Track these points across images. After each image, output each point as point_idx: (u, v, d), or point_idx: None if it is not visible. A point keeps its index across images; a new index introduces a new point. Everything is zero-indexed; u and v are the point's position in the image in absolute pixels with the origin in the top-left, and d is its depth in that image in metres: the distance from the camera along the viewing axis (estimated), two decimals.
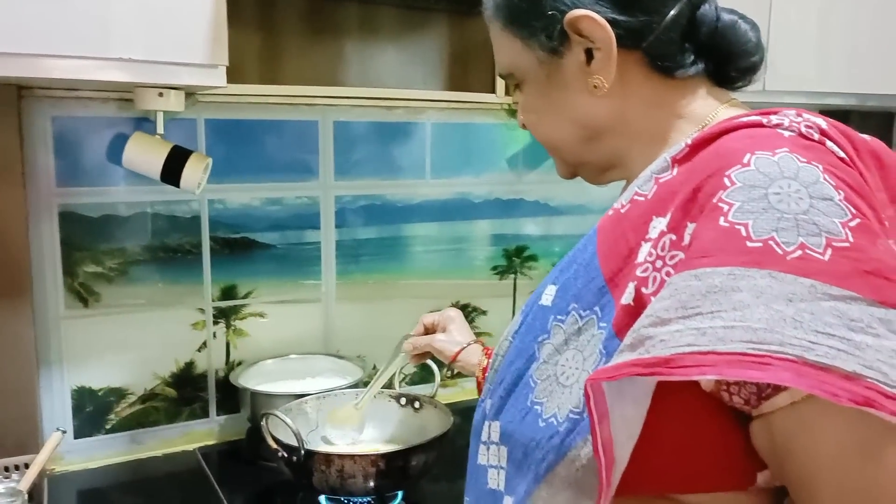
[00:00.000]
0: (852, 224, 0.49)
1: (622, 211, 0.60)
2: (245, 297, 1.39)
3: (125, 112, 1.23)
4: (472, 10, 1.50)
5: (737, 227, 0.50)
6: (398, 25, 1.48)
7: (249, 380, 1.32)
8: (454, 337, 1.04)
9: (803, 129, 0.55)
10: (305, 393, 1.19)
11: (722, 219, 0.50)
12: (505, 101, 1.55)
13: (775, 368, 0.45)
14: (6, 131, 1.13)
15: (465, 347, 1.02)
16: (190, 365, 1.36)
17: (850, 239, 0.49)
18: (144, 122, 1.22)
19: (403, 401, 1.20)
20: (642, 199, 0.59)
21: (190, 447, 1.36)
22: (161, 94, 1.10)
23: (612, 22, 0.61)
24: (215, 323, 1.37)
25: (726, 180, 0.52)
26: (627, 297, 0.54)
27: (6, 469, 1.11)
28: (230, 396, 1.36)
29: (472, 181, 1.57)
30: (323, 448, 1.07)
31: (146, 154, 1.13)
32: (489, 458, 0.64)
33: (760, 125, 0.57)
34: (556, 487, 0.56)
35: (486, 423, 0.65)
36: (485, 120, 1.56)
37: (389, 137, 1.49)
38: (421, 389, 1.45)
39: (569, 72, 0.65)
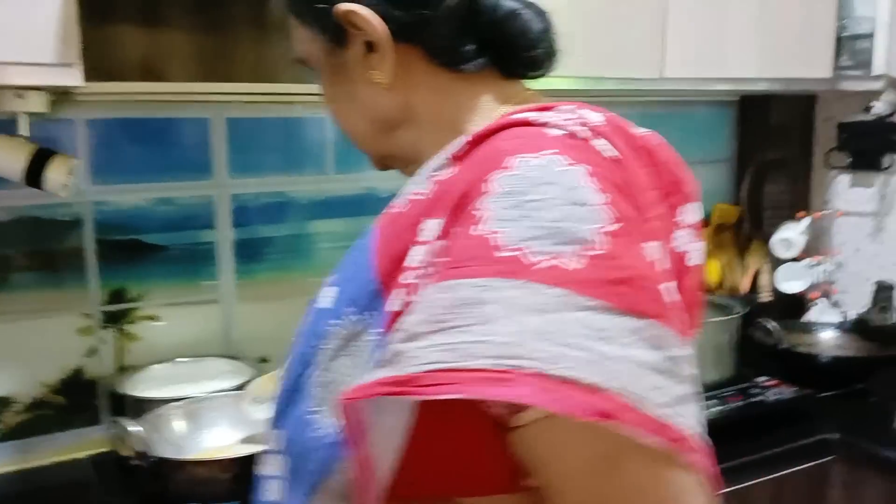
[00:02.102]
0: (609, 230, 0.47)
1: (399, 210, 0.58)
2: (136, 300, 1.36)
3: None
4: None
5: (489, 235, 0.47)
6: None
7: (140, 385, 1.29)
8: None
9: (572, 127, 0.53)
10: (181, 397, 1.16)
11: (475, 227, 0.48)
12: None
13: (515, 385, 0.43)
14: None
15: None
16: (78, 371, 1.32)
17: (605, 246, 0.47)
18: (11, 124, 1.18)
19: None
20: (420, 197, 0.56)
21: (81, 455, 1.32)
22: (20, 96, 1.06)
23: (385, 16, 0.59)
24: (104, 328, 1.33)
25: (486, 185, 0.50)
26: (397, 304, 0.52)
27: None
28: (120, 402, 1.33)
29: (377, 176, 1.54)
30: (171, 454, 1.04)
31: (6, 156, 1.09)
32: (272, 468, 0.62)
33: (528, 123, 0.54)
34: (327, 499, 0.55)
35: (273, 431, 0.62)
36: None
37: (289, 133, 1.45)
38: None
39: (352, 63, 0.62)
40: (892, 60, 1.65)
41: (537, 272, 0.46)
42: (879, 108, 1.71)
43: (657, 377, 0.46)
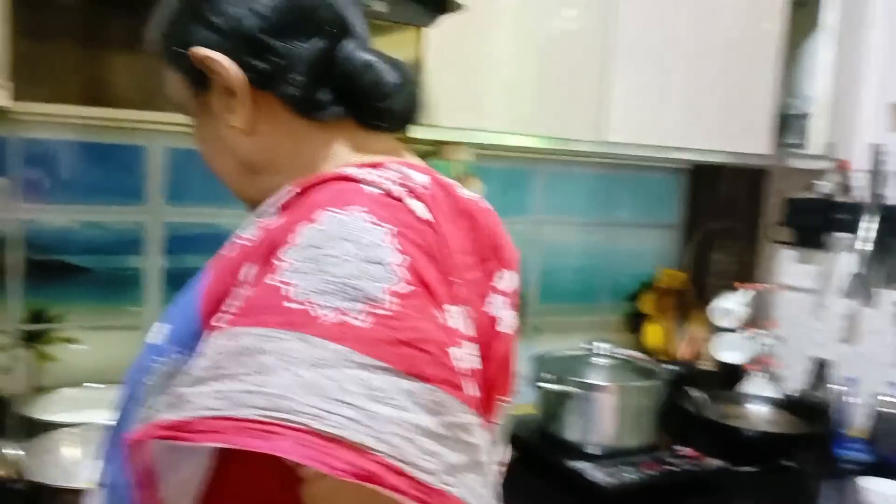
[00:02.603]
0: (401, 290, 0.48)
1: (227, 253, 0.58)
2: (56, 320, 1.35)
3: None
4: None
5: (280, 285, 0.48)
6: None
7: (50, 407, 1.27)
8: None
9: (390, 186, 0.54)
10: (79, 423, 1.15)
11: (272, 276, 0.49)
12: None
13: (278, 438, 0.43)
14: None
15: None
16: None
17: (393, 307, 0.47)
18: None
19: None
20: (246, 243, 0.57)
21: None
22: None
23: (241, 63, 0.60)
24: (20, 346, 1.32)
25: (292, 236, 0.51)
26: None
27: None
28: (28, 423, 1.31)
29: None
30: (55, 481, 1.02)
31: None
32: (96, 502, 0.61)
33: (348, 178, 0.55)
34: None
35: (99, 463, 0.62)
36: None
37: None
38: None
39: (215, 108, 0.64)
40: (831, 140, 1.68)
41: (321, 326, 0.46)
42: (823, 187, 1.73)
43: (430, 443, 0.46)
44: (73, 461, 1.08)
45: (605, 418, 1.37)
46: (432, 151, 1.37)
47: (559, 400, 1.39)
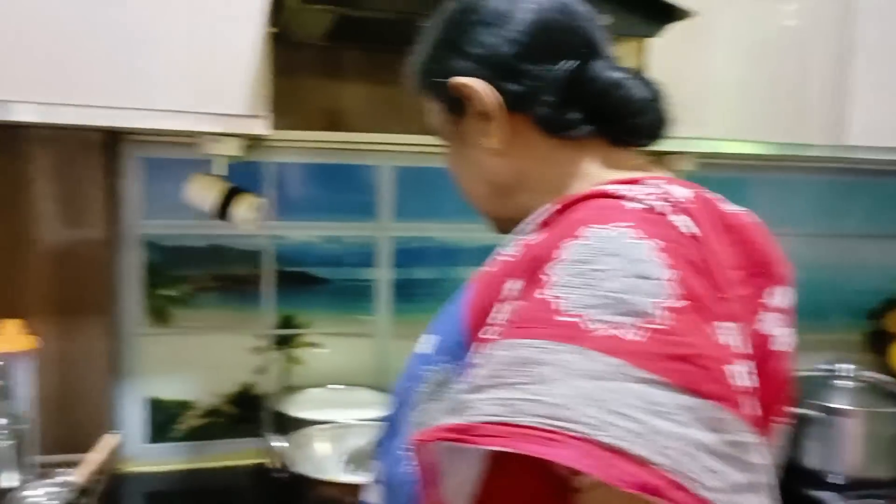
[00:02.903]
0: (673, 306, 0.48)
1: (490, 269, 0.61)
2: (302, 326, 1.49)
3: (194, 154, 1.38)
4: None
5: (552, 299, 0.50)
6: None
7: (298, 405, 1.41)
8: None
9: (652, 202, 0.55)
10: (331, 421, 1.26)
11: (541, 291, 0.51)
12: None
13: (559, 446, 0.45)
14: (98, 170, 1.32)
15: None
16: (248, 387, 1.47)
17: (667, 322, 0.47)
18: (208, 164, 1.36)
19: None
20: (509, 259, 0.60)
21: (242, 463, 1.47)
22: (216, 140, 1.23)
23: (497, 88, 0.64)
24: (273, 349, 1.48)
25: (558, 252, 0.52)
26: (474, 357, 0.56)
27: (69, 465, 1.27)
28: (281, 419, 1.46)
29: None
30: (308, 472, 1.12)
31: (202, 192, 1.26)
32: (373, 496, 0.67)
33: (609, 195, 0.56)
34: None
35: (375, 462, 0.68)
36: None
37: (446, 183, 1.54)
38: None
39: (470, 133, 0.68)
40: None
41: (594, 339, 0.47)
42: None
43: (713, 460, 0.45)
44: (325, 455, 1.19)
45: (850, 446, 1.27)
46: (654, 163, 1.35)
47: (798, 424, 1.30)
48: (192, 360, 1.45)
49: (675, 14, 1.08)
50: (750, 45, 1.31)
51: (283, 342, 1.49)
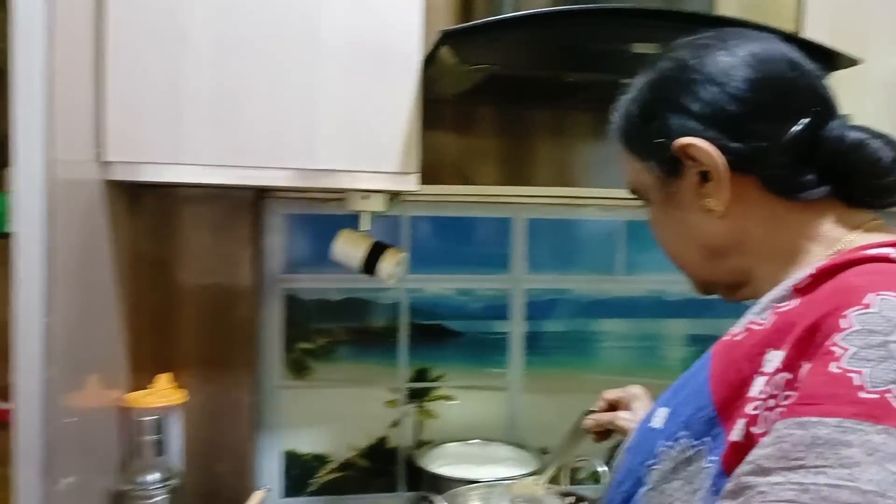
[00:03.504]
0: None
1: (737, 339, 0.59)
2: (435, 380, 1.49)
3: (341, 210, 1.41)
4: None
5: (850, 374, 0.47)
6: (589, 127, 1.53)
7: (432, 460, 1.40)
8: (639, 414, 0.98)
9: None
10: (477, 479, 1.23)
11: (834, 364, 0.48)
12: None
13: None
14: (246, 227, 1.36)
15: None
16: (382, 440, 1.47)
17: None
18: (355, 219, 1.39)
19: (570, 500, 1.19)
20: (759, 328, 0.57)
21: None
22: (365, 197, 1.26)
23: (723, 148, 0.62)
24: (407, 403, 1.48)
25: (843, 321, 0.49)
26: (737, 434, 0.53)
27: None
28: (416, 474, 1.45)
29: (665, 279, 1.55)
30: None
31: (349, 248, 1.28)
32: None
33: (887, 259, 0.54)
34: None
35: None
36: None
37: (582, 234, 1.53)
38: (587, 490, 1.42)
39: (685, 193, 0.67)
40: None
41: None
42: None
43: None
44: None
45: None
46: None
47: None
48: (328, 414, 1.45)
49: (842, 62, 1.05)
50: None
51: (417, 395, 1.49)
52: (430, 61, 1.13)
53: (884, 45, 1.25)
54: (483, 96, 1.41)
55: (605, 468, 1.15)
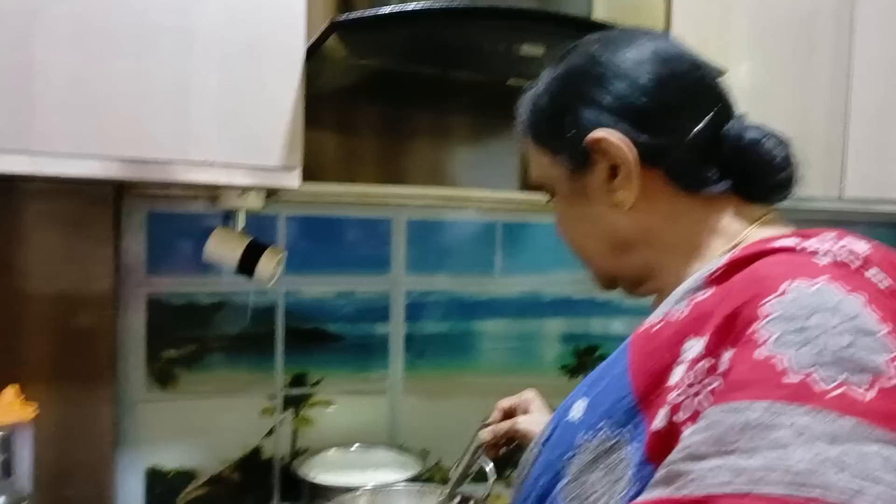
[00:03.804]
0: None
1: (654, 329, 0.59)
2: (314, 385, 1.43)
3: (210, 209, 1.33)
4: None
5: (774, 360, 0.48)
6: (469, 129, 1.54)
7: (312, 469, 1.34)
8: (538, 418, 0.97)
9: (842, 256, 0.54)
10: (359, 485, 1.20)
11: (758, 350, 0.49)
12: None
13: None
14: (103, 224, 1.24)
15: None
16: (256, 451, 1.39)
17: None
18: (228, 218, 1.30)
19: (457, 501, 1.18)
20: (676, 318, 0.58)
21: None
22: (242, 194, 1.18)
23: (633, 141, 0.63)
24: (284, 410, 1.41)
25: (762, 309, 0.50)
26: (659, 423, 0.53)
27: None
28: (294, 484, 1.38)
29: (542, 279, 1.58)
30: None
31: (225, 248, 1.20)
32: None
33: (793, 250, 0.56)
34: None
35: None
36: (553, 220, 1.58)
37: (461, 235, 1.52)
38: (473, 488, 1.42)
39: (593, 187, 0.67)
40: None
41: (828, 399, 0.45)
42: None
43: None
44: None
45: None
46: None
47: None
48: (197, 427, 1.36)
49: None
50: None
51: (294, 402, 1.42)
52: (313, 53, 1.09)
53: (743, 50, 1.34)
54: (365, 94, 1.38)
55: (492, 465, 1.14)
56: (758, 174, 0.64)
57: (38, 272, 1.21)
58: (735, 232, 0.64)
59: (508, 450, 1.04)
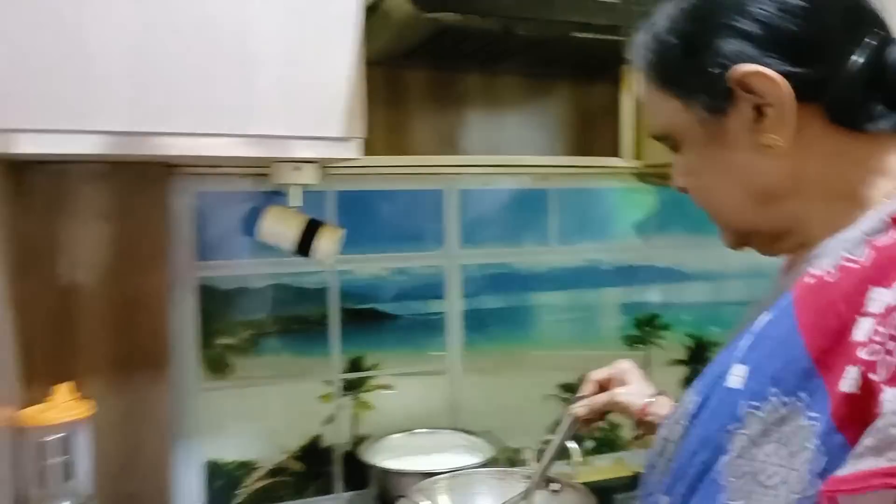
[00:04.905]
0: None
1: (828, 279, 0.53)
2: (371, 368, 1.37)
3: (260, 186, 1.26)
4: (594, 76, 1.49)
5: None
6: (521, 93, 1.47)
7: (376, 455, 1.28)
8: (637, 388, 0.91)
9: None
10: (433, 471, 1.14)
11: None
12: (631, 165, 1.50)
13: None
14: (155, 208, 1.18)
15: (654, 399, 0.89)
16: (317, 439, 1.34)
17: None
18: (277, 196, 1.24)
19: (556, 487, 1.12)
20: (855, 265, 0.52)
21: None
22: (297, 168, 1.12)
23: (785, 75, 0.56)
24: (342, 395, 1.35)
25: None
26: (850, 384, 0.47)
27: None
28: (356, 472, 1.33)
29: (599, 247, 1.52)
30: None
31: (281, 226, 1.14)
32: None
33: None
34: None
35: None
36: (611, 185, 1.51)
37: (515, 205, 1.46)
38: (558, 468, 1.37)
39: (735, 131, 0.59)
40: None
41: None
42: None
43: None
44: None
45: None
46: None
47: None
48: (254, 415, 1.30)
49: None
50: None
51: (353, 387, 1.36)
52: (373, 12, 1.02)
53: None
54: (419, 57, 1.30)
55: (575, 445, 1.08)
56: None
57: (87, 260, 1.15)
58: None
59: (600, 425, 0.98)
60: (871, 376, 0.46)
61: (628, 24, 1.07)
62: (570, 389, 1.49)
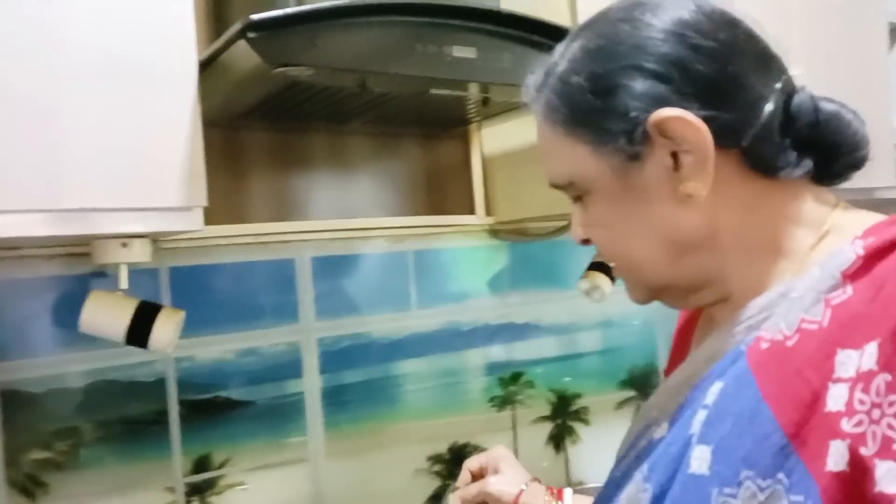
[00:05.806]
0: None
1: (788, 344, 0.49)
2: (221, 466, 1.20)
3: (75, 268, 1.08)
4: (443, 133, 1.45)
5: None
6: (369, 152, 1.38)
7: None
8: (510, 477, 0.85)
9: None
10: None
11: None
12: (486, 221, 1.46)
13: None
14: None
15: (526, 486, 0.83)
16: None
17: None
18: (97, 278, 1.06)
19: None
20: (815, 326, 0.48)
21: None
22: (125, 245, 0.96)
23: (705, 118, 0.52)
24: (188, 502, 1.17)
25: None
26: (838, 462, 0.43)
27: None
28: None
29: (457, 308, 1.45)
30: None
31: (108, 315, 0.96)
32: None
33: None
34: None
35: None
36: (466, 243, 1.46)
37: (371, 269, 1.37)
38: None
39: (650, 179, 0.55)
40: None
41: None
42: None
43: None
44: None
45: None
46: None
47: None
48: None
49: None
50: None
51: (200, 490, 1.18)
52: (206, 67, 0.90)
53: None
54: (259, 117, 1.18)
55: None
56: (836, 153, 0.55)
57: None
58: (819, 220, 0.55)
59: None
60: (862, 451, 0.42)
61: (483, 79, 1.05)
62: (441, 461, 1.41)
